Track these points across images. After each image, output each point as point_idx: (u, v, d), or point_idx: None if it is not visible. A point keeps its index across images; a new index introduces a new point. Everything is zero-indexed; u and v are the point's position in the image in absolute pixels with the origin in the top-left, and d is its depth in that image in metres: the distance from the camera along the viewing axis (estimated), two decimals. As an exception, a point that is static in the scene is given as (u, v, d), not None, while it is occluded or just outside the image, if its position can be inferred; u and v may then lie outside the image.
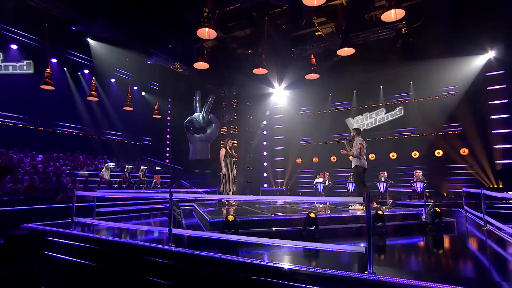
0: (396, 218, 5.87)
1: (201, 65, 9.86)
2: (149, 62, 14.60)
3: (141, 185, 12.33)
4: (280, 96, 18.18)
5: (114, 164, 13.54)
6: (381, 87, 16.20)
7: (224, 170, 7.43)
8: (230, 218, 4.58)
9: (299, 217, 5.38)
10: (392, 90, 15.91)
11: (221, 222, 4.89)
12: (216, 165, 9.05)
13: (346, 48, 8.50)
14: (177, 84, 16.39)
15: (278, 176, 17.50)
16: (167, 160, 17.36)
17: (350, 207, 6.97)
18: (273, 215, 5.39)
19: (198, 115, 14.94)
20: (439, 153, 14.54)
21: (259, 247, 4.44)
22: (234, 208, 6.82)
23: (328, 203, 8.19)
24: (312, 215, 4.93)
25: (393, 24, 11.67)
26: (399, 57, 13.38)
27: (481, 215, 6.08)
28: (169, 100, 17.89)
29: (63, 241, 5.18)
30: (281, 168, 17.79)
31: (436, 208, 5.39)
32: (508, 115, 12.99)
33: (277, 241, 3.90)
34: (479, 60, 13.52)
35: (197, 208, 6.93)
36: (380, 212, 5.21)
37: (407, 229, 5.56)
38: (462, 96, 13.80)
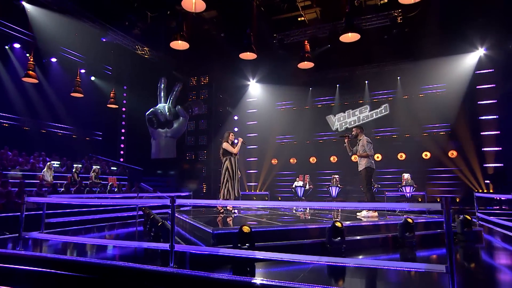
0: (418, 227, 5.74)
1: (180, 45, 9.10)
2: (104, 40, 13.39)
3: (93, 189, 11.22)
4: (254, 89, 17.79)
5: (58, 163, 12.21)
6: (366, 82, 16.46)
7: (230, 171, 6.74)
8: (246, 229, 4.07)
9: (317, 226, 5.01)
10: (377, 86, 16.21)
11: (229, 234, 4.37)
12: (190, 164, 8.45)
13: (350, 34, 8.29)
14: (137, 68, 15.29)
15: (251, 179, 17.09)
16: (122, 159, 16.16)
17: (358, 214, 6.75)
18: (292, 225, 4.97)
19: (163, 106, 14.03)
20: (426, 155, 15.07)
21: (280, 264, 4.01)
22: (233, 217, 6.27)
23: (307, 209, 7.92)
24: (339, 224, 4.58)
25: (388, 12, 11.83)
26: (388, 50, 13.63)
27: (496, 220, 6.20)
28: (125, 87, 16.67)
29: (11, 266, 4.28)
30: (254, 170, 17.40)
31: (466, 216, 5.32)
32: (497, 116, 13.79)
33: (311, 257, 3.48)
34: (469, 58, 14.21)
35: (181, 217, 6.27)
36: (409, 220, 5.01)
37: (433, 239, 5.42)
38: (451, 94, 14.39)
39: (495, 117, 13.87)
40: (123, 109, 16.70)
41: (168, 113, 14.02)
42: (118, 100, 14.69)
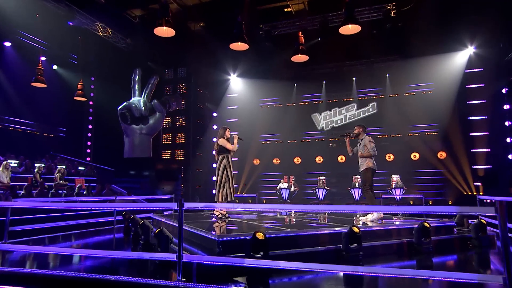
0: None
1: (165, 32, 8.68)
2: (71, 24, 12.64)
3: (59, 191, 10.53)
4: (235, 84, 17.51)
5: (16, 162, 11.40)
6: (354, 79, 16.59)
7: (227, 170, 6.43)
8: (260, 236, 3.83)
9: (331, 232, 4.85)
10: (365, 83, 16.36)
11: (237, 242, 4.13)
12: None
13: (350, 25, 8.21)
14: (107, 58, 14.59)
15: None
16: (88, 158, 15.39)
17: (361, 218, 6.66)
18: (306, 230, 4.77)
19: (138, 100, 13.40)
20: (415, 156, 15.38)
21: (292, 274, 3.82)
22: (226, 222, 5.98)
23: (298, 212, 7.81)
24: (356, 229, 4.43)
25: (381, 5, 11.93)
26: (378, 45, 13.76)
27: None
28: (93, 79, 15.88)
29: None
30: (235, 171, 17.06)
31: (481, 220, 5.34)
32: (486, 117, 14.28)
33: (343, 267, 3.29)
34: (459, 56, 14.61)
35: (170, 222, 5.91)
36: (426, 225, 4.94)
37: (447, 244, 5.41)
38: (440, 94, 14.71)
39: (484, 117, 14.34)
40: (90, 102, 15.91)
41: (143, 108, 13.43)
42: (85, 92, 13.95)
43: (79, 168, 13.54)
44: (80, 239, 6.57)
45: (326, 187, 14.36)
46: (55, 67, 15.44)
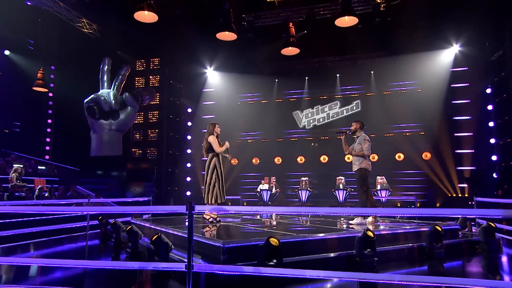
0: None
1: (146, 17, 8.27)
2: (29, 4, 11.85)
3: (16, 194, 9.87)
4: (213, 77, 17.21)
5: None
6: (338, 75, 16.73)
7: (218, 169, 6.20)
8: (274, 242, 3.66)
9: (339, 236, 4.75)
10: (350, 80, 16.53)
11: (245, 248, 3.95)
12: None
13: (347, 17, 8.17)
14: (71, 45, 13.85)
15: (208, 181, 16.47)
16: (47, 156, 14.57)
17: (351, 222, 6.62)
18: (318, 235, 4.63)
19: (107, 93, 12.76)
20: (399, 156, 15.71)
21: (310, 283, 3.70)
22: (217, 226, 5.74)
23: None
24: (370, 234, 4.35)
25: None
26: (363, 41, 13.91)
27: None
28: (53, 68, 15.05)
29: None
30: (211, 171, 16.79)
31: (490, 223, 5.42)
32: (470, 117, 14.80)
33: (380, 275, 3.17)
34: (445, 54, 15.07)
35: (159, 228, 5.60)
36: (438, 228, 4.95)
37: (455, 249, 5.45)
38: (426, 92, 15.10)
39: (468, 118, 14.86)
40: (50, 94, 15.07)
41: (113, 101, 12.79)
42: (45, 82, 13.19)
43: (38, 167, 12.78)
44: (47, 248, 6.16)
45: (309, 189, 14.38)
46: (7, 52, 14.49)
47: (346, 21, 8.30)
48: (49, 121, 15.16)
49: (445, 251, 5.15)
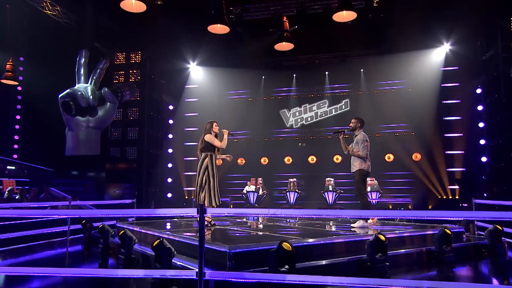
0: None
1: (134, 7, 7.99)
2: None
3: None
4: (196, 73, 16.98)
5: None
6: (327, 73, 16.78)
7: (210, 170, 6.06)
8: (287, 246, 3.56)
9: (347, 240, 4.69)
10: (339, 78, 16.61)
11: (254, 254, 3.84)
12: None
13: (345, 12, 8.15)
14: (43, 35, 13.33)
15: (191, 182, 16.23)
16: (16, 156, 13.96)
17: (353, 225, 6.60)
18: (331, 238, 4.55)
19: (84, 87, 12.38)
20: (389, 157, 15.89)
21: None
22: (212, 229, 5.60)
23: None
24: (382, 237, 4.30)
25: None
26: (354, 37, 13.98)
27: None
28: (22, 59, 14.44)
29: None
30: (193, 172, 16.55)
31: (497, 226, 5.46)
32: (460, 117, 15.10)
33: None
34: (435, 53, 15.32)
35: (151, 232, 5.40)
36: (448, 231, 4.95)
37: (462, 252, 5.47)
38: (417, 92, 15.32)
39: (458, 118, 15.16)
40: (19, 88, 14.45)
41: (91, 97, 12.40)
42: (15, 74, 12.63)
43: (7, 167, 12.24)
44: (21, 256, 5.88)
45: (297, 190, 14.36)
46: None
47: (344, 16, 8.27)
48: (18, 117, 14.52)
49: (455, 255, 5.18)
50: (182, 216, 8.17)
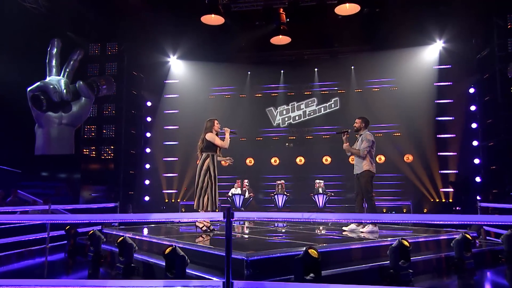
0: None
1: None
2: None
3: None
4: (177, 67, 16.68)
5: None
6: (316, 69, 16.77)
7: (211, 172, 5.84)
8: (313, 253, 3.41)
9: (367, 246, 4.58)
10: (328, 75, 16.62)
11: (274, 260, 3.69)
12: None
13: (348, 4, 8.07)
14: (9, 22, 12.78)
15: (172, 185, 15.90)
16: (-23, 155, 13.31)
17: (362, 230, 6.52)
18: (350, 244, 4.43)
19: (57, 80, 11.94)
20: (380, 159, 15.98)
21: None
22: (211, 235, 5.40)
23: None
24: (406, 243, 4.20)
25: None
26: (345, 32, 13.98)
27: None
28: (-15, 49, 13.81)
29: None
30: (174, 173, 16.23)
31: (514, 232, 5.46)
32: (453, 118, 15.35)
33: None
34: (428, 51, 15.54)
35: (149, 239, 5.14)
36: (468, 237, 4.91)
37: (479, 259, 5.45)
38: (409, 91, 15.46)
39: (451, 118, 15.41)
40: (-19, 81, 13.81)
41: (65, 91, 11.97)
42: (-22, 66, 12.05)
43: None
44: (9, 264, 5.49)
45: (285, 193, 14.28)
46: None
47: (347, 8, 8.21)
48: (-20, 112, 13.89)
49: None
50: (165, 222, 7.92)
